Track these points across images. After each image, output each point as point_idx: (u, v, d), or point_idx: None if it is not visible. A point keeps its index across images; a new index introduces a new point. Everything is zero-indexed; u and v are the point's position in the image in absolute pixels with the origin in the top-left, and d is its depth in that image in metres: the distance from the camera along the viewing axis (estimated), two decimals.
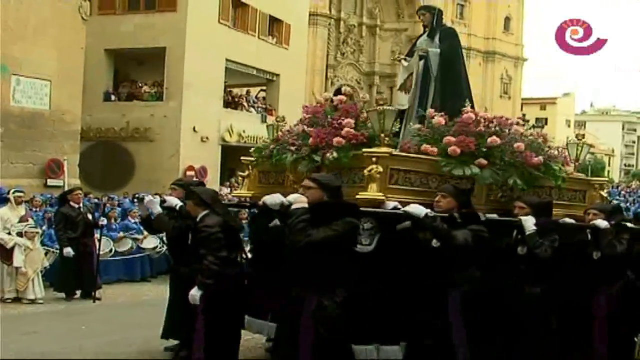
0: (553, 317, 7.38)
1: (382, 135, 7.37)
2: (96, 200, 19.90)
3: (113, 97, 29.43)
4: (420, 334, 6.83)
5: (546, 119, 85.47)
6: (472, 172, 7.49)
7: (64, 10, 22.41)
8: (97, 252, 13.37)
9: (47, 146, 22.16)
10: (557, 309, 7.48)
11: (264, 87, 35.64)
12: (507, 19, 73.01)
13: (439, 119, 7.92)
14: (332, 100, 8.61)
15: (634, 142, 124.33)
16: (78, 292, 13.35)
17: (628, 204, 32.45)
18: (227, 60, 30.33)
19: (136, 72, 31.09)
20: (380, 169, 7.09)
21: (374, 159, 7.16)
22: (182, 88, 27.95)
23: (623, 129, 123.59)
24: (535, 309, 7.16)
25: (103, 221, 13.63)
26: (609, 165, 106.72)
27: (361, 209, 6.50)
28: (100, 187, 24.65)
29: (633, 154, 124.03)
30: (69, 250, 12.99)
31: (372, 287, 6.73)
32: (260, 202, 6.72)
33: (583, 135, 9.85)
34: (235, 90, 33.98)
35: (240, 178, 9.87)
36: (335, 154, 7.56)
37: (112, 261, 15.58)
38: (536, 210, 7.26)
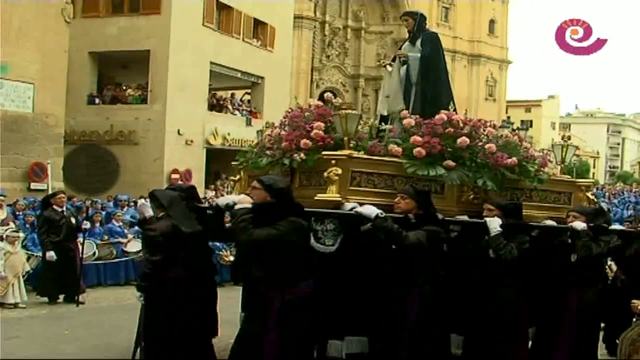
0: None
1: (346, 138, 7.50)
2: (79, 204, 19.79)
3: (97, 101, 29.25)
4: (381, 331, 7.00)
5: (531, 122, 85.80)
6: (438, 174, 7.55)
7: (47, 13, 22.30)
8: (81, 255, 13.30)
9: (31, 149, 22.02)
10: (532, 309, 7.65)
11: (249, 90, 35.57)
12: (492, 22, 73.28)
13: (408, 120, 8.07)
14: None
15: (618, 144, 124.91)
16: (61, 297, 13.28)
17: (612, 206, 32.48)
18: (211, 63, 30.24)
19: (120, 75, 30.98)
20: (339, 171, 7.22)
21: (333, 161, 7.33)
22: (166, 91, 27.82)
23: (608, 131, 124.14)
24: (508, 310, 7.22)
25: (86, 225, 13.56)
26: (593, 167, 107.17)
27: (317, 210, 6.85)
28: (85, 191, 24.53)
29: (618, 155, 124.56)
30: (51, 254, 12.93)
31: (334, 285, 7.00)
32: (214, 203, 7.05)
33: (569, 137, 9.83)
34: (220, 93, 33.89)
35: (231, 182, 9.94)
36: (302, 156, 7.67)
37: (95, 265, 15.52)
38: (505, 212, 7.32)
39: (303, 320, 6.19)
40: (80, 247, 13.40)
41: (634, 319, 6.76)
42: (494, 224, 7.07)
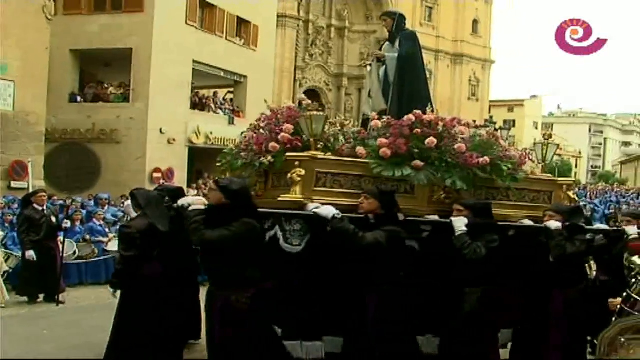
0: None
1: (312, 140, 7.67)
2: (61, 202, 19.65)
3: (79, 99, 29.07)
4: (342, 331, 7.19)
5: (514, 121, 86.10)
6: (404, 174, 7.60)
7: (27, 10, 22.12)
8: (61, 255, 13.20)
9: (11, 147, 21.84)
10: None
11: (232, 89, 35.48)
12: (475, 22, 73.49)
13: (376, 122, 8.17)
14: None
15: (600, 144, 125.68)
16: (41, 296, 13.18)
17: (594, 206, 32.61)
18: (194, 61, 30.12)
19: (102, 73, 30.80)
20: (302, 172, 7.40)
21: (297, 162, 7.52)
22: (148, 89, 27.68)
23: (590, 131, 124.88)
24: (475, 310, 7.29)
25: (67, 224, 13.46)
26: (576, 167, 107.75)
27: (279, 211, 7.15)
28: (66, 189, 24.39)
29: (600, 155, 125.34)
30: (31, 254, 12.82)
31: (303, 285, 7.22)
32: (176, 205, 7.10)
33: (550, 135, 9.80)
34: (203, 92, 33.79)
35: None
36: (270, 159, 7.85)
37: (76, 264, 15.41)
38: (474, 211, 7.35)
39: (247, 321, 6.35)
40: (60, 246, 13.29)
41: (613, 318, 6.74)
42: (459, 223, 7.15)
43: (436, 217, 7.56)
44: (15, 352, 8.82)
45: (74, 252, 15.29)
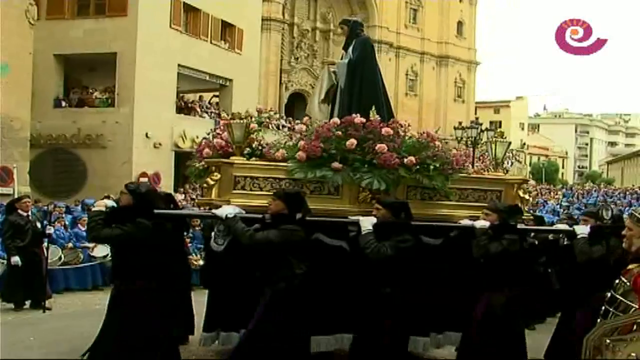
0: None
1: (235, 145, 8.25)
2: (45, 208, 19.53)
3: (64, 104, 29.01)
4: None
5: (500, 122, 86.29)
6: (317, 175, 7.91)
7: (10, 14, 21.99)
8: (46, 261, 13.09)
9: None
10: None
11: (217, 93, 35.46)
12: (460, 24, 73.71)
13: (300, 127, 8.80)
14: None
15: (586, 144, 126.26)
16: (28, 303, 13.06)
17: (581, 206, 32.70)
18: (179, 65, 30.12)
19: (87, 78, 30.66)
20: (218, 176, 8.08)
21: (213, 167, 8.25)
22: (134, 94, 27.63)
23: (576, 131, 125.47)
24: (386, 309, 7.29)
25: (50, 229, 13.36)
26: (562, 167, 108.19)
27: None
28: (51, 195, 24.27)
29: (586, 156, 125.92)
30: (16, 260, 12.70)
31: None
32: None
33: (502, 133, 9.70)
34: (188, 96, 33.77)
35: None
36: (203, 164, 8.65)
37: (62, 270, 15.29)
38: (392, 210, 7.40)
39: (130, 310, 7.01)
40: (45, 252, 13.18)
41: (599, 320, 6.70)
42: (366, 223, 7.26)
43: (359, 217, 7.54)
44: (2, 358, 8.72)
45: (59, 258, 15.17)
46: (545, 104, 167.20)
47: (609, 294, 6.23)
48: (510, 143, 9.18)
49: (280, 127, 29.70)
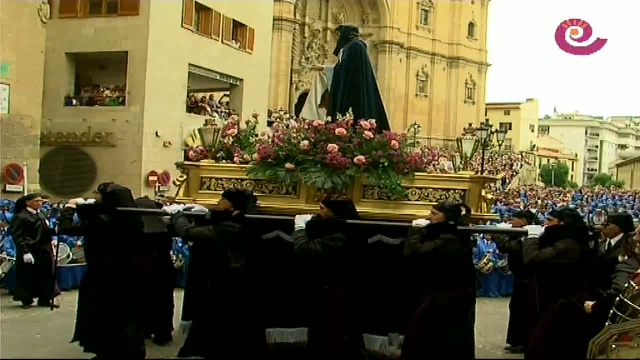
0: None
1: (206, 149, 9.24)
2: (55, 206, 19.61)
3: (74, 102, 29.05)
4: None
5: (510, 124, 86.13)
6: (267, 175, 8.47)
7: (22, 13, 22.11)
8: (55, 258, 13.12)
9: (6, 151, 21.81)
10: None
11: (228, 92, 35.44)
12: (472, 25, 73.62)
13: (265, 130, 9.46)
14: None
15: (597, 147, 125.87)
16: (36, 300, 13.10)
17: (592, 208, 32.60)
18: (190, 65, 30.14)
19: (98, 77, 30.75)
20: (183, 177, 9.04)
21: (181, 169, 9.26)
22: (144, 93, 27.67)
23: (586, 134, 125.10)
24: (328, 305, 7.55)
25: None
26: (572, 170, 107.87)
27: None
28: (61, 193, 24.35)
29: (596, 158, 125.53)
30: (29, 257, 12.73)
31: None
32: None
33: (473, 132, 9.58)
34: (199, 95, 33.77)
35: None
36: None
37: (71, 268, 15.32)
38: (332, 209, 7.68)
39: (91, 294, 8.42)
40: (54, 250, 13.22)
41: (607, 323, 6.66)
42: (299, 220, 7.61)
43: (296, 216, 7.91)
44: (9, 356, 8.76)
45: (68, 256, 15.20)
46: (556, 106, 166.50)
47: (617, 299, 6.20)
48: (479, 141, 9.06)
49: (290, 127, 29.65)
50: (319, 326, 7.64)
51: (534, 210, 23.79)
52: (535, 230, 7.41)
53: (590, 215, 26.80)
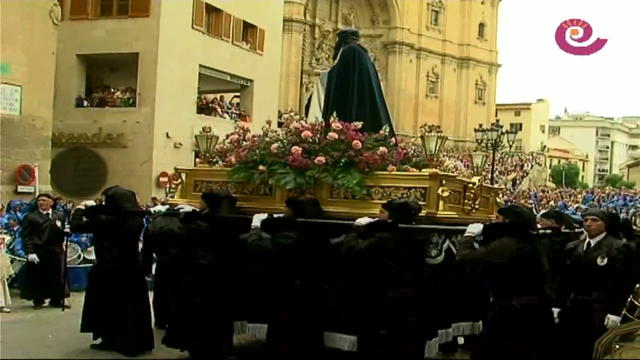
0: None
1: (203, 154, 10.16)
2: (64, 207, 19.66)
3: (85, 103, 29.12)
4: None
5: (520, 125, 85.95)
6: (240, 176, 9.00)
7: (34, 14, 22.17)
8: (65, 259, 13.18)
9: (18, 152, 21.88)
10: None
11: (238, 93, 35.47)
12: (482, 26, 73.55)
13: (249, 135, 9.82)
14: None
15: (607, 147, 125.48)
16: (47, 301, 13.16)
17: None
18: (200, 66, 30.18)
19: (109, 78, 30.80)
20: (178, 180, 10.04)
21: (178, 173, 10.27)
22: (155, 94, 27.72)
23: (597, 134, 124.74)
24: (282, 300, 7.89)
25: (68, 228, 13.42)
26: (583, 170, 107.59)
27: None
28: (72, 194, 24.41)
29: (607, 159, 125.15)
30: (33, 257, 12.83)
31: None
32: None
33: (438, 127, 9.47)
34: (209, 96, 33.82)
35: None
36: None
37: (82, 268, 15.36)
38: (292, 208, 8.05)
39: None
40: (65, 250, 13.28)
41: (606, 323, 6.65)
42: (255, 219, 8.03)
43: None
44: (21, 356, 8.82)
45: (79, 256, 15.26)
46: (567, 107, 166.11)
47: (629, 299, 6.19)
48: (446, 138, 8.93)
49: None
50: (279, 323, 7.92)
51: (543, 211, 23.76)
52: (473, 228, 7.01)
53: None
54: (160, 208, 9.71)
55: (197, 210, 8.77)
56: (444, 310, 8.26)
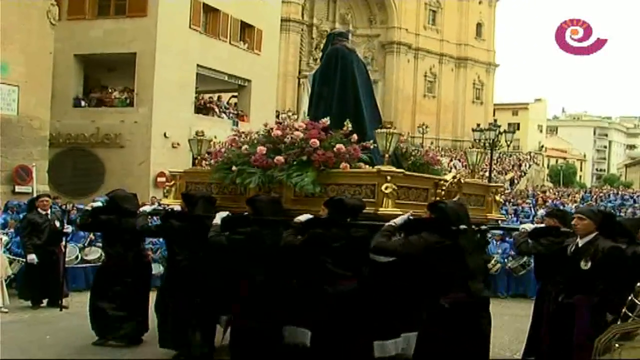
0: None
1: (197, 157, 10.54)
2: (64, 207, 19.64)
3: (83, 103, 29.06)
4: None
5: (518, 124, 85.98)
6: (216, 177, 9.34)
7: (31, 15, 22.13)
8: (64, 259, 13.15)
9: (15, 152, 21.85)
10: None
11: (236, 93, 35.46)
12: (479, 25, 73.62)
13: (232, 137, 9.96)
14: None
15: (605, 147, 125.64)
16: (45, 301, 13.14)
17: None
18: (198, 66, 30.15)
19: (106, 78, 30.72)
20: (171, 182, 10.62)
21: (171, 176, 10.78)
22: (152, 94, 27.67)
23: (594, 134, 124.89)
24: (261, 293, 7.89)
25: (68, 228, 13.39)
26: (580, 170, 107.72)
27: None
28: (70, 194, 24.37)
29: (604, 158, 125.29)
30: (32, 257, 12.80)
31: None
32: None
33: (391, 123, 9.42)
34: (207, 96, 33.79)
35: None
36: None
37: (80, 269, 15.35)
38: (251, 207, 8.21)
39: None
40: (63, 250, 13.26)
41: (619, 322, 6.61)
42: (217, 217, 8.28)
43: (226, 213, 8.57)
44: (18, 356, 8.81)
45: (77, 257, 15.24)
46: (564, 106, 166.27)
47: (629, 297, 6.17)
48: (400, 134, 8.88)
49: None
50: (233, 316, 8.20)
51: (542, 211, 23.79)
52: (397, 220, 6.92)
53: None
54: (146, 208, 10.34)
55: (179, 210, 9.31)
56: (394, 315, 8.04)
